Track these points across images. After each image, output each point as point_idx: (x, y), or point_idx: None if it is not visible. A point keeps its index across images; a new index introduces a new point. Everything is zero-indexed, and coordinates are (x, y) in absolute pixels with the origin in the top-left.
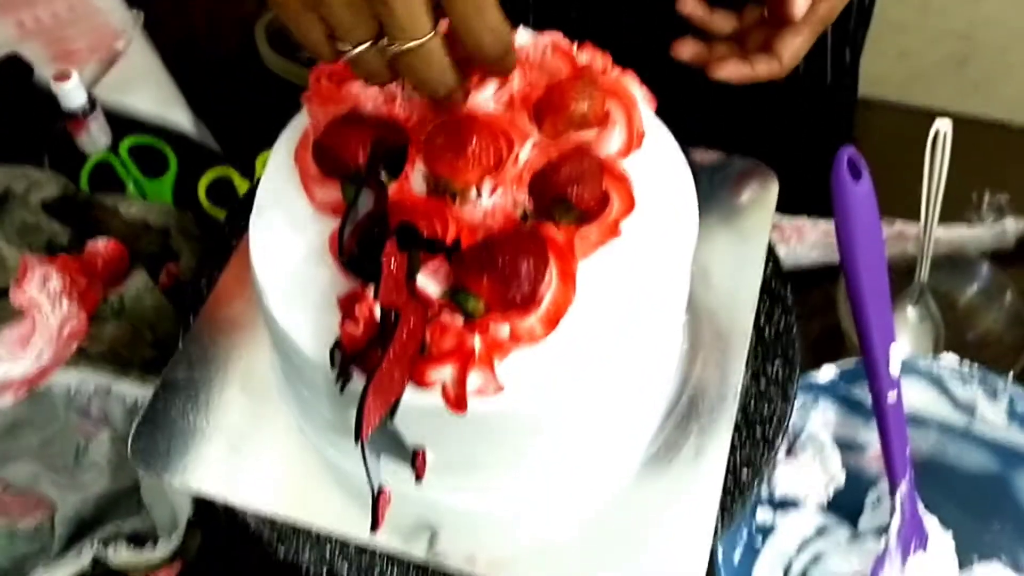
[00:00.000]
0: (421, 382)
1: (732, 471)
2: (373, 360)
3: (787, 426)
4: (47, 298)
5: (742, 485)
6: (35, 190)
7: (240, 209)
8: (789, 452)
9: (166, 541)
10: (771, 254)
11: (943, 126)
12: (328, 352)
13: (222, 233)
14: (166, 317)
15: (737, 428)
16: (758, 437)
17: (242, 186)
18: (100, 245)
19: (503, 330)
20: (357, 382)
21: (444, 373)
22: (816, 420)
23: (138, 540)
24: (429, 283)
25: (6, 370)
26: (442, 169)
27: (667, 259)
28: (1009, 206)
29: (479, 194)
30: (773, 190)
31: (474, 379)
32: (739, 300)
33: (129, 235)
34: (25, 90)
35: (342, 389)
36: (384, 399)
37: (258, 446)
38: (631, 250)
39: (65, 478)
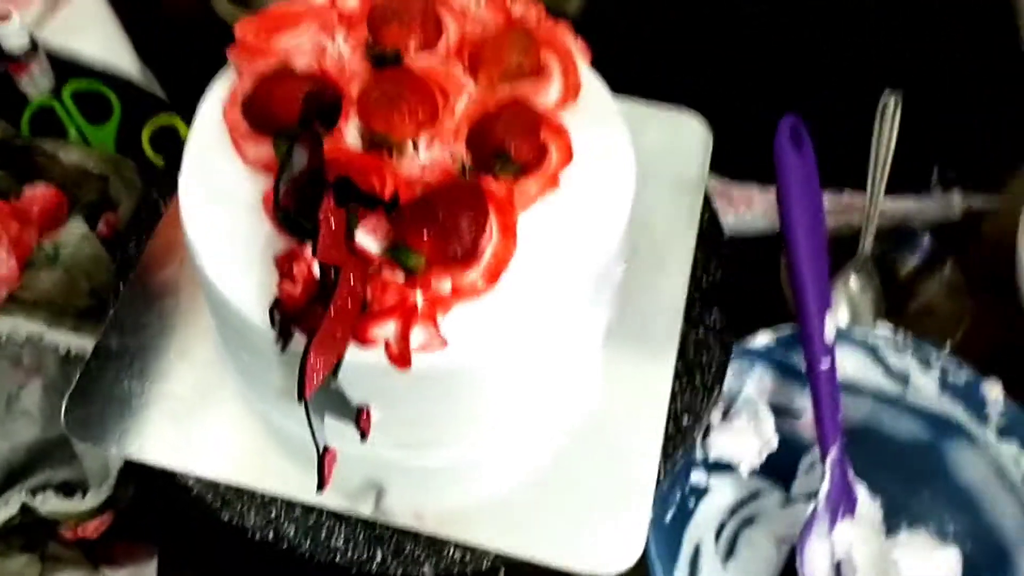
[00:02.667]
0: (363, 340)
1: (673, 418)
2: (314, 319)
3: (724, 374)
4: None
5: (683, 431)
6: None
7: (171, 167)
8: (724, 416)
9: (96, 491)
10: (707, 206)
11: (892, 96)
12: (268, 313)
13: (153, 190)
14: (103, 267)
15: (677, 375)
16: (697, 384)
17: (187, 134)
18: (37, 191)
19: (445, 285)
20: (298, 342)
21: (387, 330)
22: (752, 385)
23: (68, 490)
24: (368, 239)
25: None
26: (377, 123)
27: (606, 210)
28: (957, 180)
29: (416, 148)
30: (706, 138)
31: (417, 335)
32: (675, 248)
33: (68, 182)
34: None
35: (283, 349)
36: (327, 358)
37: (199, 412)
38: (570, 201)
39: None
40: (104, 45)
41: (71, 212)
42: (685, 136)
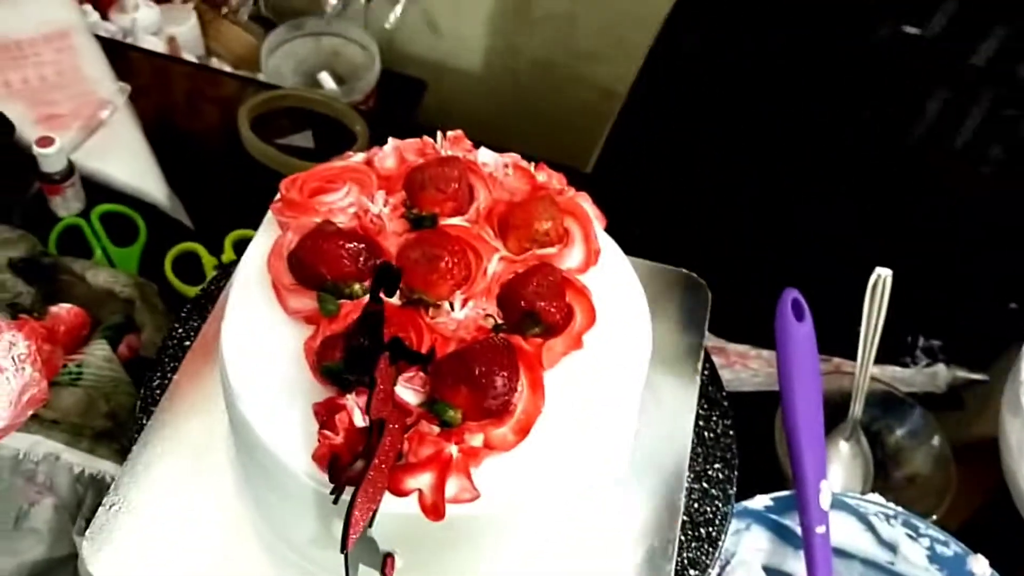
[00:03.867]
0: (398, 490)
1: (679, 572)
2: (357, 470)
3: (728, 526)
4: (11, 363)
5: None
6: (4, 248)
7: (199, 302)
8: None
9: None
10: (707, 360)
11: (883, 273)
12: (310, 461)
13: (177, 327)
14: (122, 389)
15: (682, 529)
16: (703, 537)
17: (209, 262)
18: (63, 311)
19: (477, 439)
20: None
21: (421, 480)
22: (748, 546)
23: None
24: (408, 393)
25: None
26: (417, 282)
27: (625, 369)
28: (941, 352)
29: (451, 306)
30: (705, 298)
31: (451, 486)
32: (678, 402)
33: (92, 302)
34: (4, 149)
35: (336, 500)
36: (367, 508)
37: (218, 551)
38: (592, 360)
39: (3, 542)
40: (135, 171)
41: (93, 333)
42: (687, 295)
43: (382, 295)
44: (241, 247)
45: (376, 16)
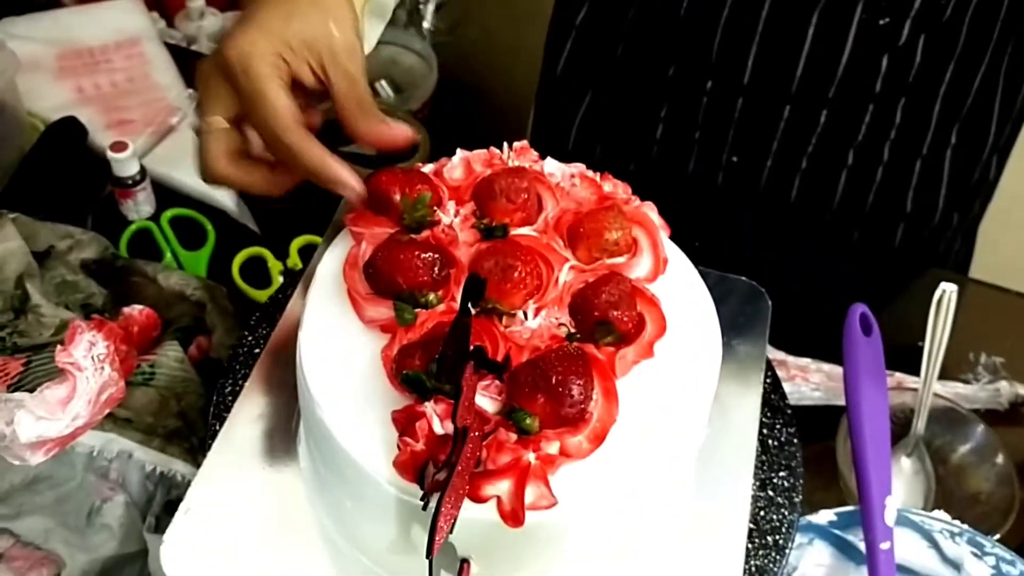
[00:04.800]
0: (477, 497)
1: None
2: (441, 476)
3: (795, 534)
4: (91, 363)
5: None
6: (77, 249)
7: (268, 310)
8: None
9: None
10: (769, 368)
11: (948, 288)
12: (390, 467)
13: (247, 335)
14: (193, 390)
15: (749, 537)
16: (769, 545)
17: (275, 267)
18: (135, 312)
19: (553, 446)
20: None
21: (499, 488)
22: (809, 560)
23: None
24: (486, 401)
25: (43, 429)
26: (491, 292)
27: (695, 377)
28: (1004, 368)
29: (525, 316)
30: (767, 308)
31: (529, 493)
32: (742, 411)
33: (162, 303)
34: (78, 152)
35: (425, 507)
36: (451, 514)
37: (284, 552)
38: (663, 369)
39: (76, 537)
40: None
41: (164, 334)
42: (748, 304)
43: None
44: (306, 252)
45: (434, 25)
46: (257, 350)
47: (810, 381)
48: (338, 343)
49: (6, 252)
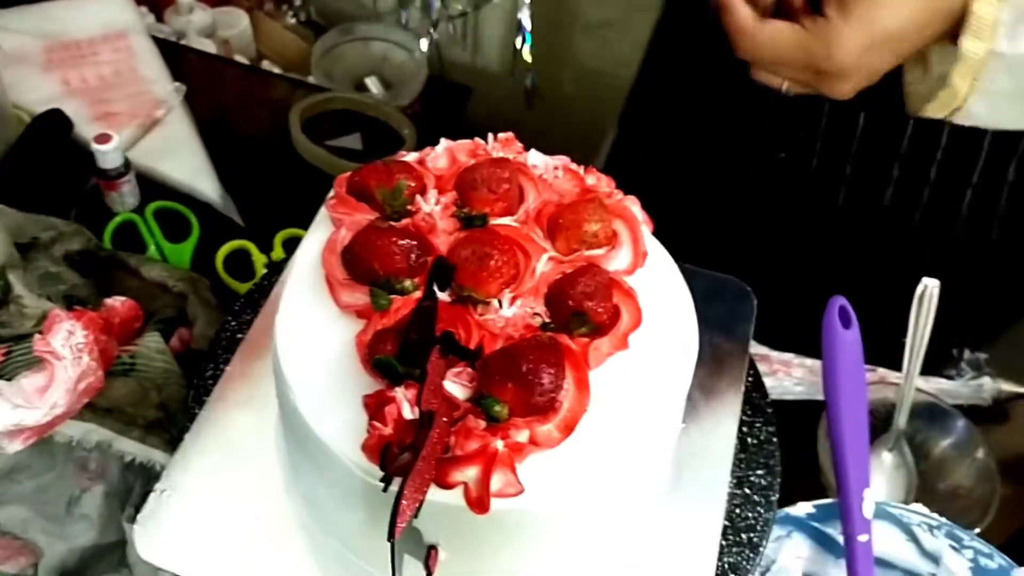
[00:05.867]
0: (444, 483)
1: None
2: (406, 460)
3: (769, 532)
4: (69, 352)
5: None
6: (60, 242)
7: (252, 297)
8: None
9: None
10: (752, 367)
11: (930, 283)
12: (359, 451)
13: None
14: (174, 381)
15: (724, 534)
16: (744, 542)
17: (259, 260)
18: (118, 303)
19: (522, 434)
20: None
21: (467, 474)
22: (788, 553)
23: None
24: (456, 388)
25: (20, 417)
26: (466, 279)
27: (670, 370)
28: (987, 364)
29: (500, 304)
30: (751, 305)
31: (496, 480)
32: (722, 408)
33: (145, 295)
34: (63, 145)
35: (386, 488)
36: (415, 499)
37: (262, 542)
38: (637, 361)
39: (55, 527)
40: (189, 169)
41: (146, 325)
42: (732, 302)
43: (435, 290)
44: (290, 245)
45: (424, 23)
46: (240, 336)
47: (792, 376)
48: (314, 328)
49: None
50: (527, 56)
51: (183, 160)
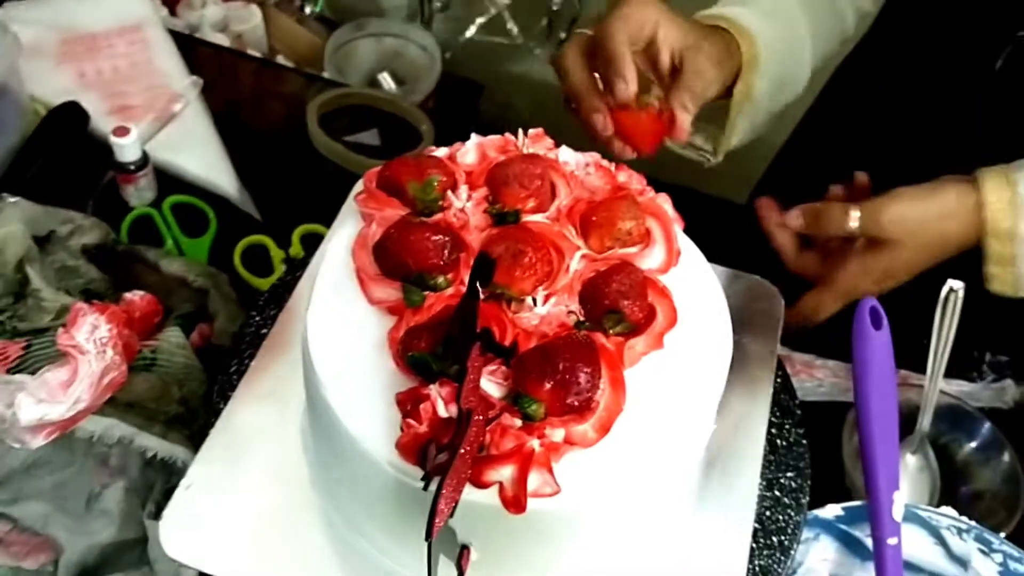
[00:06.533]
0: (479, 482)
1: None
2: (444, 459)
3: (800, 535)
4: (93, 346)
5: None
6: (77, 235)
7: (276, 292)
8: None
9: None
10: (780, 367)
11: (955, 286)
12: (392, 449)
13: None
14: (195, 376)
15: (754, 536)
16: (774, 545)
17: (277, 255)
18: (137, 298)
19: (558, 434)
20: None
21: (502, 473)
22: (815, 555)
23: None
24: (491, 386)
25: (44, 412)
26: (500, 277)
27: (705, 370)
28: (1009, 368)
29: (534, 302)
30: (779, 305)
31: (532, 480)
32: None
33: (164, 290)
34: (80, 138)
35: (426, 487)
36: (452, 498)
37: (286, 538)
38: (672, 361)
39: (75, 523)
40: (206, 163)
41: (166, 320)
42: (760, 303)
43: (477, 286)
44: (308, 241)
45: (437, 19)
46: (264, 331)
47: (815, 377)
48: (344, 323)
49: (6, 236)
50: None
51: (200, 154)
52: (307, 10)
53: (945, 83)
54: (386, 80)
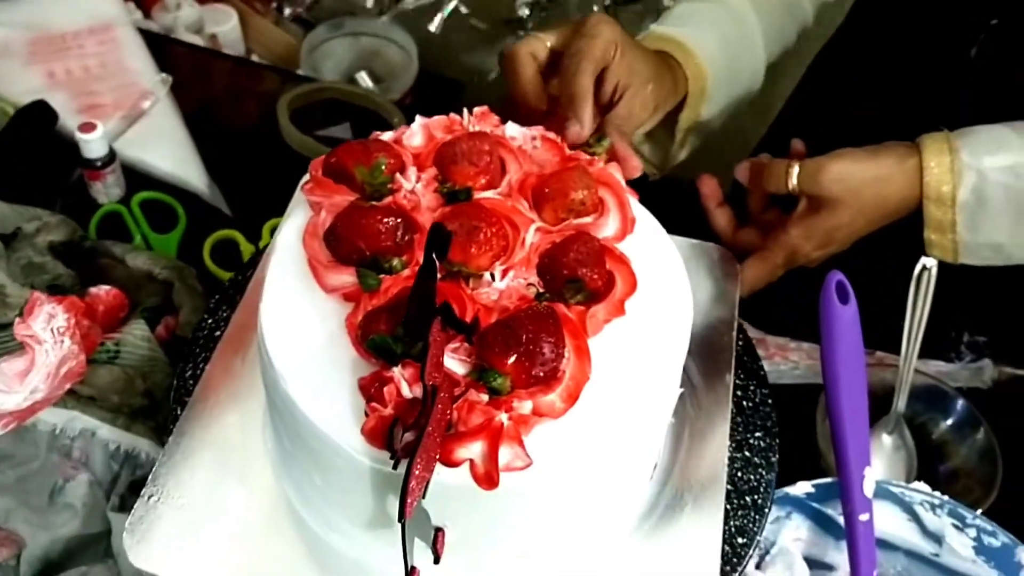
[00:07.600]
0: (449, 461)
1: (727, 540)
2: (410, 438)
3: (773, 492)
4: (50, 335)
5: (739, 553)
6: (44, 231)
7: (227, 292)
8: (759, 566)
9: None
10: (741, 331)
11: (929, 263)
12: (358, 435)
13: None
14: (159, 369)
15: (728, 498)
16: (748, 505)
17: (247, 250)
18: (102, 292)
19: (526, 406)
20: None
21: (472, 450)
22: (788, 535)
23: None
24: (455, 363)
25: (0, 402)
26: (456, 254)
27: (668, 335)
28: (987, 348)
29: (492, 277)
30: (735, 270)
31: (503, 454)
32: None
33: (130, 284)
34: (48, 136)
35: (395, 466)
36: (422, 477)
37: (253, 537)
38: (634, 327)
39: (38, 516)
40: (175, 159)
41: (132, 314)
42: (717, 268)
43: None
44: None
45: (415, 17)
46: (218, 332)
47: (789, 359)
48: (300, 314)
49: None
50: None
51: (169, 150)
52: (285, 11)
53: (921, 73)
54: (363, 79)
